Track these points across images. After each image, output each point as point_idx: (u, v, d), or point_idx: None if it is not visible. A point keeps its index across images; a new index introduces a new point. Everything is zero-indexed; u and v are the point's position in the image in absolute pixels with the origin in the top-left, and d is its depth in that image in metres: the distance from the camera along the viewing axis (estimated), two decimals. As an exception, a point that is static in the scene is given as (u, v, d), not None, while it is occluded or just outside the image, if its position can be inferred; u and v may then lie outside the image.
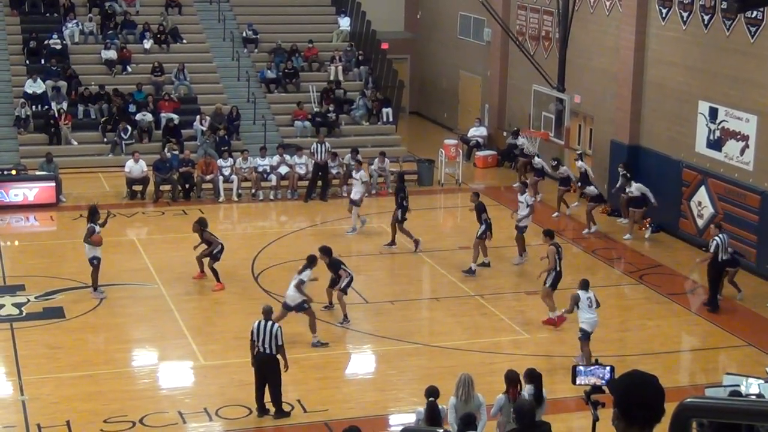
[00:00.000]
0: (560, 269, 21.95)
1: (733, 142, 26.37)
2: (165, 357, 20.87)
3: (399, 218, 26.65)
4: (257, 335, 17.71)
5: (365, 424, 15.57)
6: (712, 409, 5.81)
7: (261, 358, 17.73)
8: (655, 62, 29.34)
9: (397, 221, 26.69)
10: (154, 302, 23.19)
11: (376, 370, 20.53)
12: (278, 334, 17.65)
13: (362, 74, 39.68)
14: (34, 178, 30.69)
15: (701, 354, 21.75)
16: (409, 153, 36.36)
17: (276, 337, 17.63)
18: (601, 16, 31.79)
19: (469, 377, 15.24)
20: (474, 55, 40.27)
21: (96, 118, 35.68)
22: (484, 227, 25.14)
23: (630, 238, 28.13)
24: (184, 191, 31.40)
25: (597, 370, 11.42)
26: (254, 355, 17.85)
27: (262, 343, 17.65)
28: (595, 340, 21.34)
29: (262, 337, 17.65)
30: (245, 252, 26.49)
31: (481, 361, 20.22)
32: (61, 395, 18.53)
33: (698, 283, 24.78)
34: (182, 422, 17.64)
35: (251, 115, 36.60)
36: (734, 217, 25.80)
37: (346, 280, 21.95)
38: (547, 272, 22.03)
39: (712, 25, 26.97)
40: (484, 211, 25.46)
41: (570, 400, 17.72)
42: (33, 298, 23.04)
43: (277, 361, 17.76)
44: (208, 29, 40.54)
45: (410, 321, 22.42)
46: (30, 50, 37.41)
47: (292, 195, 31.85)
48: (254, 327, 17.82)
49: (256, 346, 17.75)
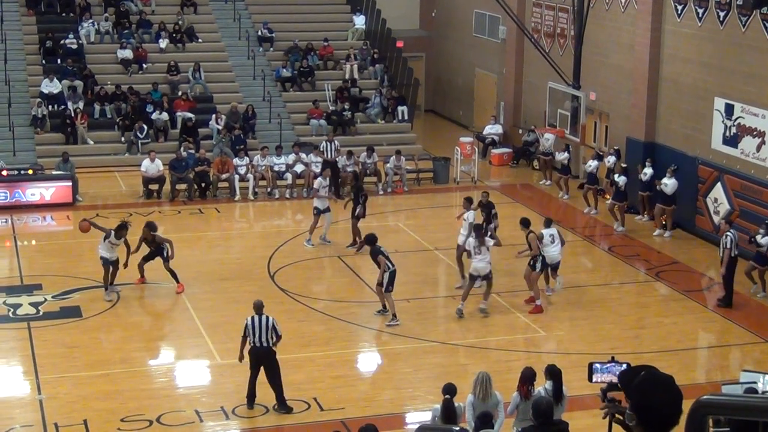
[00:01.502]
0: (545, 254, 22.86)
1: (749, 139, 26.29)
2: (182, 356, 20.92)
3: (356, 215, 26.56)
4: (252, 330, 17.78)
5: (381, 422, 15.56)
6: (729, 406, 5.80)
7: (258, 352, 17.82)
8: (671, 59, 29.27)
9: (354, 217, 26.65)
10: (171, 301, 23.26)
11: (392, 368, 20.52)
12: (276, 326, 17.81)
13: (377, 72, 39.68)
14: (51, 178, 30.77)
15: (718, 351, 21.69)
16: (424, 151, 36.35)
17: (275, 328, 17.78)
18: (617, 13, 31.73)
19: (488, 375, 15.21)
20: (489, 52, 40.23)
21: (112, 117, 35.78)
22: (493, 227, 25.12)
23: (661, 234, 28.05)
24: (200, 190, 31.46)
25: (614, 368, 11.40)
26: (249, 350, 17.92)
27: (258, 337, 17.75)
28: (611, 337, 21.38)
29: (258, 332, 17.74)
30: (261, 251, 26.53)
31: (498, 359, 20.21)
32: (79, 394, 18.58)
33: (714, 280, 24.71)
34: (199, 421, 17.67)
35: (267, 114, 36.65)
36: (750, 213, 25.72)
37: (386, 276, 21.72)
38: (531, 257, 22.80)
39: (727, 22, 26.89)
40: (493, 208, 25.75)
41: (587, 398, 17.69)
42: (50, 298, 23.11)
43: (273, 353, 17.88)
44: (224, 28, 40.59)
45: (426, 319, 22.41)
46: (46, 50, 37.53)
47: (308, 193, 31.87)
48: (248, 322, 17.86)
49: (251, 342, 17.83)
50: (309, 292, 23.75)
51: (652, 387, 5.44)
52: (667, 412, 5.36)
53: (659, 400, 5.37)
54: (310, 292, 23.76)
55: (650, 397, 5.39)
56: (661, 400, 5.37)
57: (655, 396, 5.39)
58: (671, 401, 5.37)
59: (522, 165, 36.09)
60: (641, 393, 5.42)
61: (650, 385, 5.45)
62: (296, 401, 18.19)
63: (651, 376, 5.51)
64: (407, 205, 28.90)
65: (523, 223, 23.31)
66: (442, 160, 33.98)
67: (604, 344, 20.84)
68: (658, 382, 5.45)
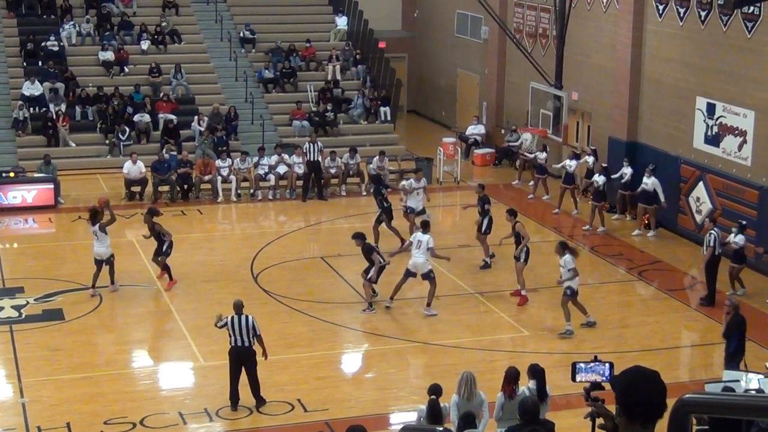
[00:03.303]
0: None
1: (731, 138, 26.38)
2: (165, 358, 20.88)
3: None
4: (232, 330, 17.88)
5: (366, 422, 15.50)
6: (711, 404, 5.81)
7: (238, 351, 17.94)
8: (653, 58, 29.34)
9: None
10: (154, 303, 23.21)
11: (376, 368, 20.52)
12: (255, 325, 17.92)
13: (360, 73, 39.67)
14: (33, 180, 30.68)
15: (701, 350, 21.75)
16: (407, 151, 36.36)
17: (254, 327, 17.89)
18: (598, 13, 31.79)
19: (472, 375, 15.24)
20: (471, 53, 40.27)
21: (94, 119, 35.67)
22: (488, 221, 25.32)
23: (642, 234, 28.12)
24: (183, 192, 31.39)
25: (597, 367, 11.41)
26: (229, 350, 18.00)
27: (240, 336, 17.86)
28: (594, 337, 21.41)
29: (239, 331, 17.85)
30: (245, 252, 26.50)
31: (482, 359, 20.24)
32: (61, 397, 18.52)
33: (697, 279, 24.78)
34: (183, 423, 17.64)
35: (249, 116, 36.60)
36: (733, 212, 25.80)
37: (376, 268, 22.29)
38: (523, 248, 23.12)
39: (709, 21, 26.98)
40: (488, 203, 25.85)
41: (571, 397, 17.71)
42: (32, 300, 23.03)
43: (253, 352, 18.01)
44: (206, 30, 40.52)
45: (410, 319, 22.41)
46: (27, 52, 37.39)
47: (290, 195, 31.85)
48: (228, 322, 17.97)
49: (232, 342, 17.94)
50: (292, 293, 23.72)
51: (635, 378, 5.53)
52: (651, 401, 5.43)
53: (642, 390, 5.44)
54: (293, 293, 23.73)
55: (633, 388, 5.47)
56: (643, 391, 5.44)
57: (638, 387, 5.46)
58: (654, 391, 5.45)
59: (505, 165, 36.12)
60: (624, 384, 5.50)
61: (633, 377, 5.54)
62: (280, 403, 18.19)
63: (635, 370, 5.59)
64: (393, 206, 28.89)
65: (510, 213, 23.81)
66: (424, 161, 33.98)
67: (587, 344, 20.88)
68: (642, 376, 5.54)
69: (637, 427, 5.42)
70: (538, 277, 24.66)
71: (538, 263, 24.68)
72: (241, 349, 17.89)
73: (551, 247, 25.57)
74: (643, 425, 5.42)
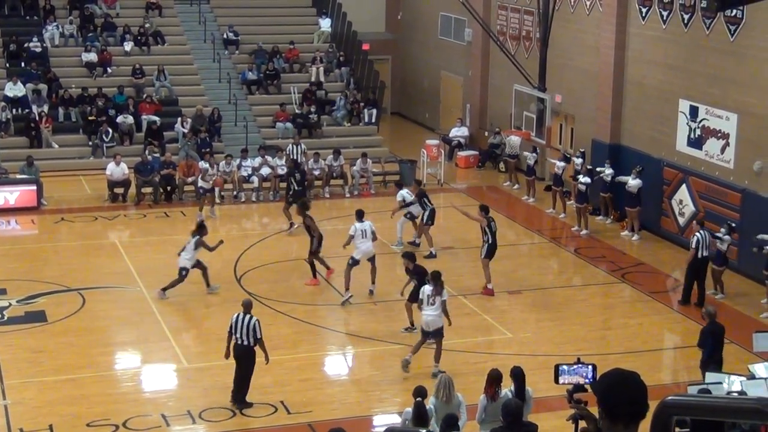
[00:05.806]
0: (494, 241, 23.65)
1: (713, 141, 26.46)
2: (148, 360, 20.81)
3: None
4: (235, 327, 17.96)
5: (349, 425, 15.57)
6: (693, 406, 5.84)
7: (239, 349, 18.01)
8: (636, 61, 29.42)
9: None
10: (137, 305, 23.13)
11: (359, 371, 20.52)
12: (256, 328, 17.93)
13: (343, 75, 39.68)
14: (15, 182, 30.59)
15: (684, 352, 21.78)
16: (390, 153, 36.36)
17: (254, 330, 17.90)
18: (582, 16, 31.86)
19: (450, 379, 15.31)
20: (455, 55, 40.31)
21: (77, 121, 35.58)
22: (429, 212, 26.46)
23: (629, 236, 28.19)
24: (166, 193, 31.33)
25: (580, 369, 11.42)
26: (232, 347, 18.06)
27: (240, 335, 17.92)
28: (577, 339, 21.47)
29: (240, 330, 17.90)
30: (228, 254, 26.40)
31: (465, 361, 20.24)
32: (44, 399, 18.47)
33: (680, 281, 24.84)
34: (165, 425, 17.60)
35: (233, 117, 36.56)
36: (715, 215, 25.87)
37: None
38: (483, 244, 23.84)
39: (692, 24, 27.06)
40: (426, 197, 26.83)
41: (554, 399, 17.73)
42: (15, 302, 22.94)
43: (253, 353, 18.03)
44: (189, 31, 40.46)
45: (393, 321, 22.40)
46: (10, 53, 37.28)
47: (274, 196, 31.80)
48: (233, 319, 18.08)
49: (234, 339, 18.01)
50: (276, 295, 23.70)
51: (616, 380, 5.56)
52: (632, 402, 5.46)
53: (623, 392, 5.47)
54: (276, 295, 23.71)
55: (614, 390, 5.50)
56: (624, 392, 5.46)
57: (619, 388, 5.50)
58: (635, 392, 5.48)
59: (488, 167, 36.18)
60: (605, 386, 5.52)
61: (613, 378, 5.57)
62: (263, 404, 18.18)
63: (615, 372, 5.62)
64: (374, 208, 28.85)
65: (483, 209, 24.19)
66: (408, 163, 33.98)
67: (570, 346, 20.91)
68: (622, 377, 5.57)
69: (620, 428, 5.44)
70: (522, 280, 24.71)
71: (520, 265, 24.71)
72: (240, 348, 17.99)
73: (535, 250, 25.72)
74: (626, 426, 5.44)
